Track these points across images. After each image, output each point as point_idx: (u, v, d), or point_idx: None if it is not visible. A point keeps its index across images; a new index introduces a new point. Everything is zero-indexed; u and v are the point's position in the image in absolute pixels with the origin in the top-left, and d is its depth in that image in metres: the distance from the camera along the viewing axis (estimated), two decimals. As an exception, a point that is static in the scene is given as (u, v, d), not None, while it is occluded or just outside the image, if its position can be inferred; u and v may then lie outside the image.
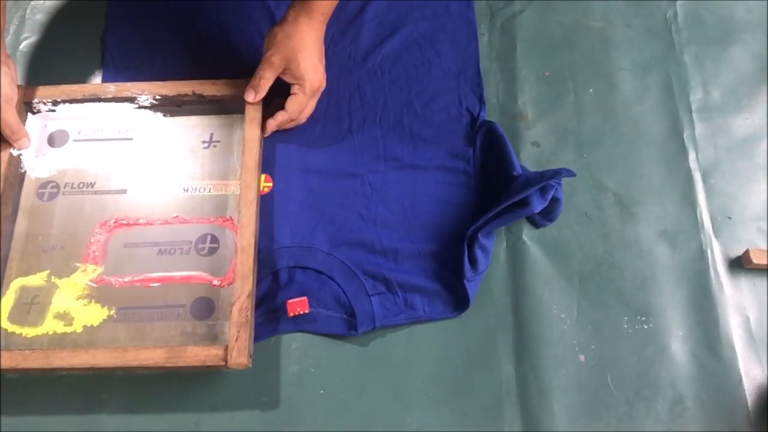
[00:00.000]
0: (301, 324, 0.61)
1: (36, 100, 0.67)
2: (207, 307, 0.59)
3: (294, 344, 0.60)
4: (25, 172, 0.66)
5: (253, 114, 0.65)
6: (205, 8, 0.77)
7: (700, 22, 0.76)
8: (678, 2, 0.77)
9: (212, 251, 0.62)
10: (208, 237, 0.62)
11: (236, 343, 0.55)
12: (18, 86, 0.67)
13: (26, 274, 0.62)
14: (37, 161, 0.67)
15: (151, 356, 0.55)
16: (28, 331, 0.59)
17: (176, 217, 0.63)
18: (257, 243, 0.61)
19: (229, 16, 0.76)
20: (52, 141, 0.68)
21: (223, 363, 0.55)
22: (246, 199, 0.61)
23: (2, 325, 0.59)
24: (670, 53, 0.74)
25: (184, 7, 0.77)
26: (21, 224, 0.64)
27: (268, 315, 0.61)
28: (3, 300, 0.60)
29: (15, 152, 0.65)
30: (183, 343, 0.58)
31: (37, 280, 0.61)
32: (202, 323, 0.59)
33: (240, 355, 0.54)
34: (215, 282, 0.60)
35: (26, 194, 0.65)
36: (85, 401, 0.59)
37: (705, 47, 0.74)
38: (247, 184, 0.62)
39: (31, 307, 0.60)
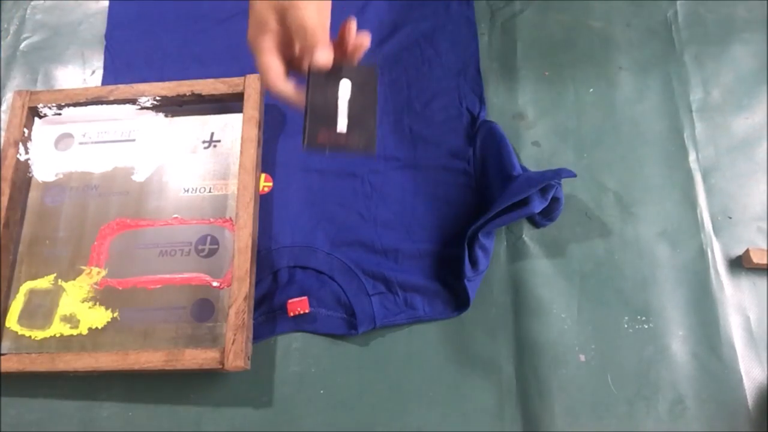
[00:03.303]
0: (301, 324, 0.61)
1: (41, 105, 0.68)
2: (207, 309, 0.60)
3: (294, 344, 0.61)
4: (32, 176, 0.67)
5: (250, 113, 0.65)
6: (205, 7, 0.77)
7: (701, 22, 0.76)
8: (678, 2, 0.77)
9: (212, 252, 0.62)
10: (208, 238, 0.62)
11: (233, 346, 0.55)
12: (24, 91, 0.68)
13: (34, 277, 0.62)
14: (44, 165, 0.67)
15: (151, 359, 0.56)
16: (37, 334, 0.60)
17: (176, 217, 0.64)
18: (256, 244, 0.61)
19: (230, 15, 0.77)
20: (58, 144, 0.68)
21: (220, 366, 0.55)
22: (243, 200, 0.61)
23: (13, 328, 0.60)
24: (670, 53, 0.74)
25: (184, 7, 0.77)
26: (29, 228, 0.65)
27: (268, 315, 0.61)
28: (13, 303, 0.61)
29: (22, 157, 0.66)
30: (185, 345, 0.58)
31: (44, 283, 0.62)
32: (202, 325, 0.59)
33: (237, 359, 0.55)
34: (215, 284, 0.61)
35: (33, 198, 0.66)
36: (85, 400, 0.59)
37: (705, 47, 0.74)
38: (245, 185, 0.62)
39: (39, 309, 0.61)
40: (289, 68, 0.49)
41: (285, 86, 0.48)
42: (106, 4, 0.79)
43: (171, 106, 0.69)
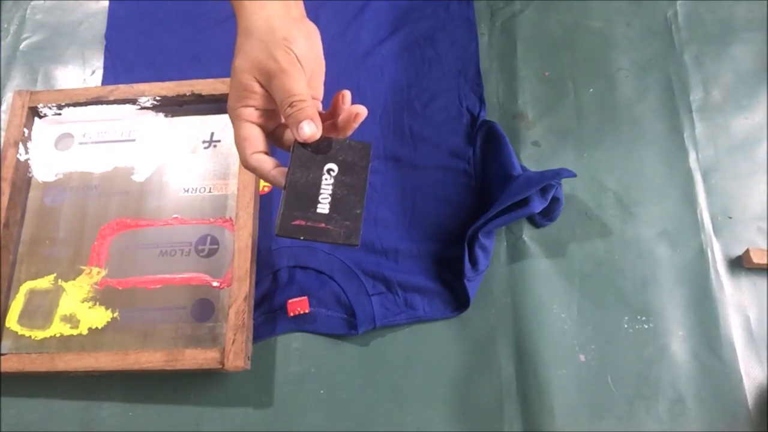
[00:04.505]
0: (301, 324, 0.61)
1: (41, 105, 0.68)
2: (207, 309, 0.60)
3: (294, 344, 0.61)
4: (32, 176, 0.67)
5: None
6: (205, 7, 0.77)
7: (701, 22, 0.76)
8: (678, 2, 0.77)
9: (212, 252, 0.62)
10: (208, 238, 0.62)
11: (233, 346, 0.55)
12: (24, 91, 0.68)
13: (34, 277, 0.62)
14: (44, 165, 0.67)
15: (151, 359, 0.56)
16: (37, 334, 0.60)
17: (176, 217, 0.64)
18: (256, 244, 0.61)
19: (229, 15, 0.76)
20: (58, 144, 0.68)
21: (220, 366, 0.55)
22: (243, 200, 0.61)
23: (13, 328, 0.60)
24: (670, 53, 0.74)
25: (183, 7, 0.77)
26: (28, 228, 0.65)
27: (269, 315, 0.61)
28: (13, 303, 0.61)
29: (22, 157, 0.66)
30: (185, 345, 0.58)
31: (44, 283, 0.62)
32: (202, 325, 0.59)
33: (237, 359, 0.55)
34: (215, 284, 0.61)
35: (33, 198, 0.66)
36: (85, 400, 0.59)
37: (705, 47, 0.74)
38: (245, 185, 0.62)
39: (39, 309, 0.61)
40: (271, 141, 0.44)
41: (263, 161, 0.42)
42: (106, 4, 0.79)
43: (171, 106, 0.69)
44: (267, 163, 0.42)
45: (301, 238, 0.39)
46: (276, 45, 0.41)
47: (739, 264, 0.64)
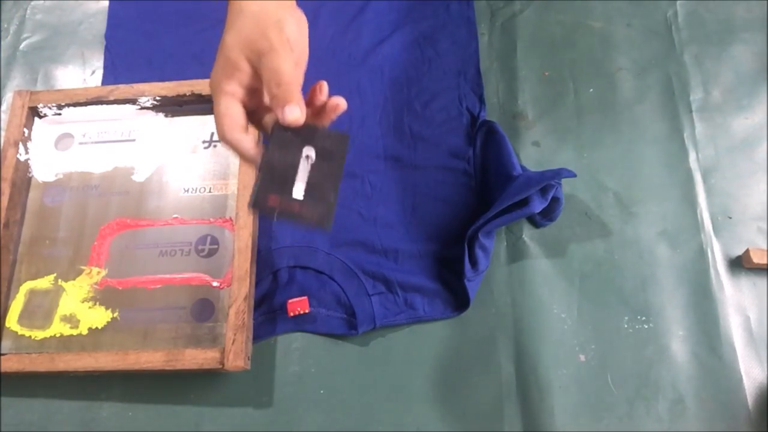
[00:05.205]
0: (301, 324, 0.61)
1: (41, 105, 0.68)
2: (207, 309, 0.60)
3: (294, 344, 0.61)
4: (32, 176, 0.67)
5: (251, 114, 0.65)
6: (205, 8, 0.77)
7: (701, 22, 0.76)
8: (678, 2, 0.77)
9: (212, 252, 0.62)
10: (208, 238, 0.63)
11: (233, 346, 0.55)
12: (24, 91, 0.68)
13: (34, 277, 0.62)
14: (44, 165, 0.67)
15: (151, 359, 0.56)
16: (37, 334, 0.60)
17: (176, 217, 0.64)
18: (256, 244, 0.61)
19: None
20: (58, 144, 0.68)
21: (220, 366, 0.55)
22: (243, 200, 0.61)
23: (13, 328, 0.60)
24: (670, 53, 0.74)
25: (184, 7, 0.77)
26: (28, 228, 0.65)
27: (268, 315, 0.61)
28: (13, 303, 0.61)
29: (22, 157, 0.66)
30: (185, 345, 0.58)
31: (44, 283, 0.62)
32: (202, 325, 0.59)
33: (237, 359, 0.55)
34: (215, 284, 0.61)
35: (33, 198, 0.66)
36: (85, 400, 0.59)
37: (705, 47, 0.74)
38: (245, 185, 0.62)
39: (39, 309, 0.61)
40: (250, 121, 0.44)
41: (241, 137, 0.42)
42: (106, 4, 0.79)
43: (171, 106, 0.69)
44: (246, 141, 0.42)
45: (275, 217, 0.40)
46: (269, 25, 0.41)
47: (739, 264, 0.64)
